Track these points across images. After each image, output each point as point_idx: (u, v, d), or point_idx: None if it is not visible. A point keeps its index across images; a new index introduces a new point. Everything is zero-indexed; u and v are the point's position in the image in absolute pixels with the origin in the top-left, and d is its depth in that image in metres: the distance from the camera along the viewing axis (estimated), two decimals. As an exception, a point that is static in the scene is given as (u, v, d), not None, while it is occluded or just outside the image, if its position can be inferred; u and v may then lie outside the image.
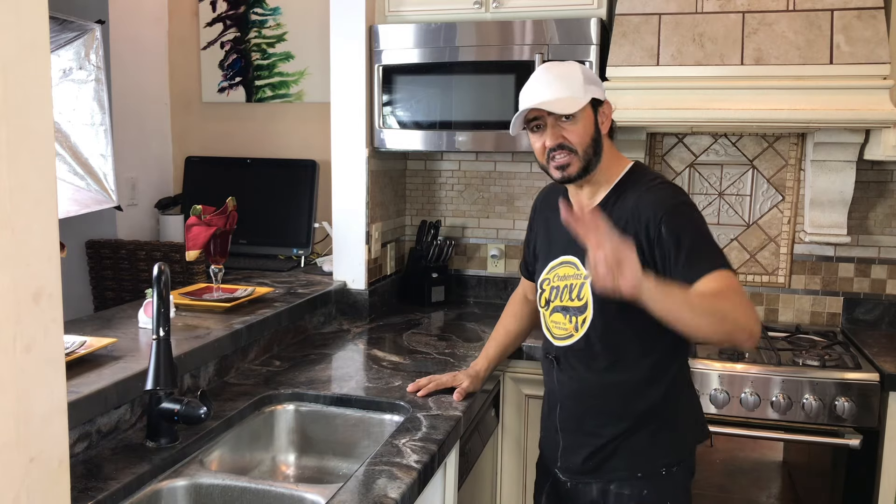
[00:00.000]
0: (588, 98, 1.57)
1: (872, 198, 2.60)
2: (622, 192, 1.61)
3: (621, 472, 1.62)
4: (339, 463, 1.81)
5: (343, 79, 2.53)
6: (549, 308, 1.70)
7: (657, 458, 1.60)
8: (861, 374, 2.11)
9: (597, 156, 1.60)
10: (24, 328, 0.72)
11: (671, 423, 1.62)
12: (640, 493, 1.60)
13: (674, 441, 1.63)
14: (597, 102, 1.60)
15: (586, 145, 1.58)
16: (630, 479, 1.61)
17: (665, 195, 1.56)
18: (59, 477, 0.78)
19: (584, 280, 1.60)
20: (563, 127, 1.57)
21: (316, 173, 2.98)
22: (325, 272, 2.73)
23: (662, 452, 1.61)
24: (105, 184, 2.74)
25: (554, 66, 1.62)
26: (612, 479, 1.62)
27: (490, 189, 2.93)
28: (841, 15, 2.18)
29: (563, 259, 1.67)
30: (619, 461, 1.61)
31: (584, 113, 1.57)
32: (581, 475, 1.67)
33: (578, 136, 1.57)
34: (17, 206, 0.70)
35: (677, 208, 1.54)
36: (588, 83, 1.58)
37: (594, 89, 1.59)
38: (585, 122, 1.58)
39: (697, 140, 2.71)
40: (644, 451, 1.60)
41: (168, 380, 1.50)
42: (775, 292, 2.70)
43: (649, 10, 2.33)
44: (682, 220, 1.52)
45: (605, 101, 1.63)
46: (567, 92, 1.56)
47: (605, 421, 1.63)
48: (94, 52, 2.69)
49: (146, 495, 1.40)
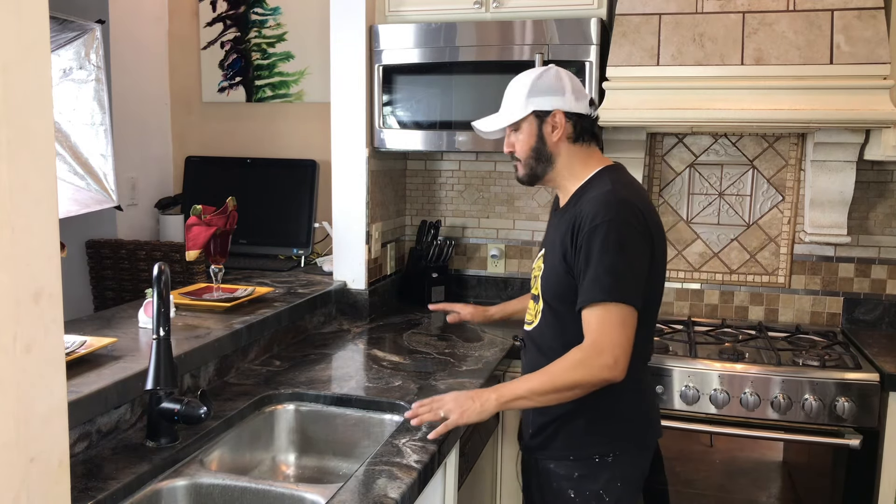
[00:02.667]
0: (527, 111, 1.69)
1: (872, 198, 2.60)
2: (580, 196, 1.69)
3: (558, 452, 1.72)
4: (339, 463, 1.81)
5: (343, 79, 2.53)
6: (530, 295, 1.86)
7: (590, 446, 1.69)
8: (861, 374, 2.11)
9: (542, 163, 1.73)
10: (24, 328, 0.72)
11: (607, 418, 1.69)
12: (571, 475, 1.70)
13: (608, 434, 1.69)
14: (542, 113, 1.69)
15: (526, 154, 1.73)
16: (564, 460, 1.71)
17: (600, 210, 1.59)
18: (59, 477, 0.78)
19: (538, 272, 1.76)
20: (511, 136, 1.76)
21: (316, 173, 2.98)
22: (325, 272, 2.73)
23: (594, 441, 1.69)
24: (105, 184, 2.74)
25: (518, 77, 1.75)
26: (551, 457, 1.73)
27: (490, 189, 2.93)
28: (841, 15, 2.18)
29: (541, 253, 1.80)
30: (559, 441, 1.72)
31: (526, 124, 1.71)
32: (530, 449, 1.81)
33: (520, 146, 1.74)
34: (17, 205, 0.70)
35: (601, 227, 1.57)
36: (533, 95, 1.69)
37: (539, 101, 1.69)
38: (526, 132, 1.72)
39: (697, 140, 2.71)
40: (578, 436, 1.70)
41: (168, 380, 1.50)
42: (775, 292, 2.70)
43: (649, 10, 2.33)
44: (598, 240, 1.57)
45: (556, 111, 1.68)
46: (504, 108, 1.74)
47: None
48: (95, 51, 2.68)
49: (146, 495, 1.40)
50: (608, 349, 1.54)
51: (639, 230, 1.59)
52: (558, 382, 1.58)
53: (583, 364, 1.56)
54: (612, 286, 1.54)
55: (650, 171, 2.74)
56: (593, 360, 1.55)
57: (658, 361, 2.20)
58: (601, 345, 1.55)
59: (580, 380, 1.56)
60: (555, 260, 1.68)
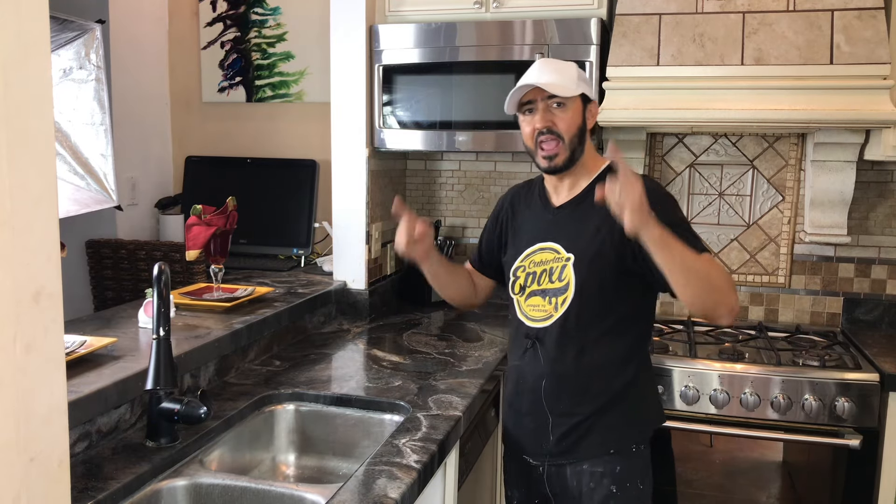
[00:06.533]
0: (580, 91, 1.67)
1: (872, 198, 2.59)
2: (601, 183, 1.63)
3: (595, 450, 1.66)
4: (339, 463, 1.81)
5: (343, 79, 2.53)
6: (524, 294, 1.74)
7: (629, 436, 1.66)
8: (861, 374, 2.11)
9: (581, 146, 1.69)
10: (24, 328, 0.72)
11: (640, 403, 1.69)
12: (612, 470, 1.65)
13: (641, 420, 1.69)
14: (586, 99, 1.70)
15: (573, 134, 1.66)
16: (603, 456, 1.66)
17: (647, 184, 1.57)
18: (59, 477, 0.78)
19: (566, 262, 1.67)
20: (553, 112, 1.66)
21: (316, 173, 2.98)
22: (325, 272, 2.73)
23: (632, 430, 1.67)
24: (105, 183, 2.74)
25: (552, 60, 1.75)
26: (586, 457, 1.66)
27: (490, 189, 2.93)
28: (841, 15, 2.18)
29: (540, 246, 1.73)
30: (593, 438, 1.66)
31: (574, 103, 1.66)
32: (554, 457, 1.70)
33: (566, 124, 1.65)
34: (17, 205, 0.70)
35: (660, 196, 1.60)
36: (581, 80, 1.69)
37: (585, 87, 1.70)
38: (574, 112, 1.67)
39: (697, 140, 2.71)
40: (618, 427, 1.66)
41: (168, 379, 1.50)
42: (775, 292, 2.69)
43: (649, 10, 2.33)
44: (666, 206, 1.58)
45: (594, 101, 1.73)
46: (562, 79, 1.65)
47: (581, 399, 1.67)
48: (95, 51, 2.69)
49: (146, 495, 1.40)
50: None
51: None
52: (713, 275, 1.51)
53: (731, 286, 1.53)
54: (699, 239, 1.61)
55: (650, 171, 2.74)
56: (734, 291, 1.54)
57: (658, 361, 2.20)
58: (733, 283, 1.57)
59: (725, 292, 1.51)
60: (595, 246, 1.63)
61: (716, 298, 1.50)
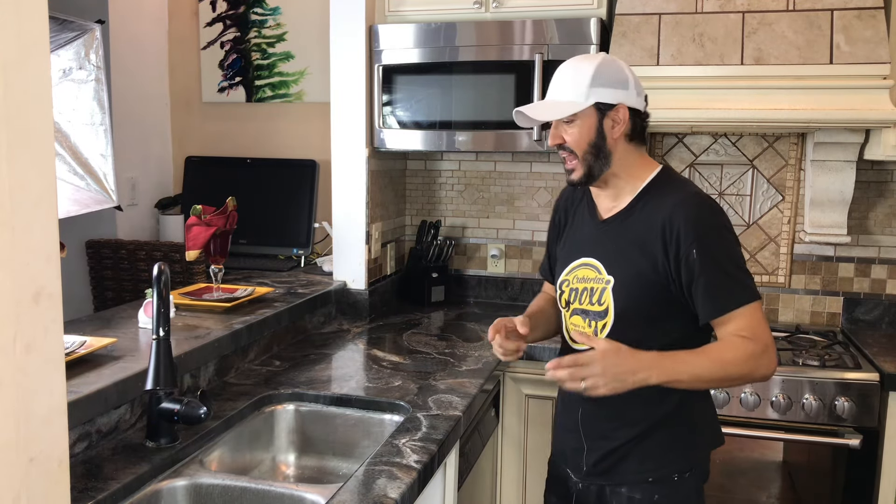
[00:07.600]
0: (589, 102, 1.53)
1: (872, 198, 2.59)
2: (648, 198, 1.57)
3: (633, 476, 1.59)
4: (339, 463, 1.81)
5: (343, 79, 2.53)
6: (569, 310, 1.67)
7: (670, 464, 1.58)
8: (861, 374, 2.11)
9: (600, 161, 1.56)
10: (24, 328, 0.72)
11: (685, 430, 1.60)
12: (650, 498, 1.58)
13: (687, 447, 1.60)
14: (605, 106, 1.54)
15: (584, 150, 1.56)
16: (641, 484, 1.59)
17: (703, 213, 1.52)
18: (59, 477, 0.78)
19: (606, 285, 1.58)
20: (563, 128, 1.57)
21: (316, 173, 2.98)
22: (325, 272, 2.73)
23: (675, 458, 1.59)
24: (105, 184, 2.74)
25: (571, 63, 1.59)
26: (624, 482, 1.60)
27: (490, 189, 2.93)
28: (841, 15, 2.18)
29: (583, 261, 1.64)
30: (630, 464, 1.59)
31: (582, 117, 1.54)
32: (592, 476, 1.65)
33: (574, 139, 1.56)
34: (17, 206, 0.70)
35: (713, 232, 1.51)
36: (596, 86, 1.53)
37: (602, 92, 1.53)
38: (584, 126, 1.55)
39: (697, 140, 2.71)
40: (656, 456, 1.58)
41: (168, 380, 1.50)
42: (775, 292, 2.69)
43: (649, 10, 2.33)
44: (716, 247, 1.50)
45: (620, 105, 1.54)
46: (562, 96, 1.55)
47: (619, 424, 1.60)
48: (94, 51, 2.68)
49: (146, 495, 1.40)
50: (771, 347, 1.49)
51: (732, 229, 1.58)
52: (731, 372, 1.48)
53: (755, 358, 1.47)
54: (752, 286, 1.51)
55: (650, 171, 2.74)
56: (763, 356, 1.48)
57: (658, 361, 2.20)
58: (766, 341, 1.48)
59: (748, 373, 1.48)
60: (636, 270, 1.54)
61: (738, 383, 1.50)
